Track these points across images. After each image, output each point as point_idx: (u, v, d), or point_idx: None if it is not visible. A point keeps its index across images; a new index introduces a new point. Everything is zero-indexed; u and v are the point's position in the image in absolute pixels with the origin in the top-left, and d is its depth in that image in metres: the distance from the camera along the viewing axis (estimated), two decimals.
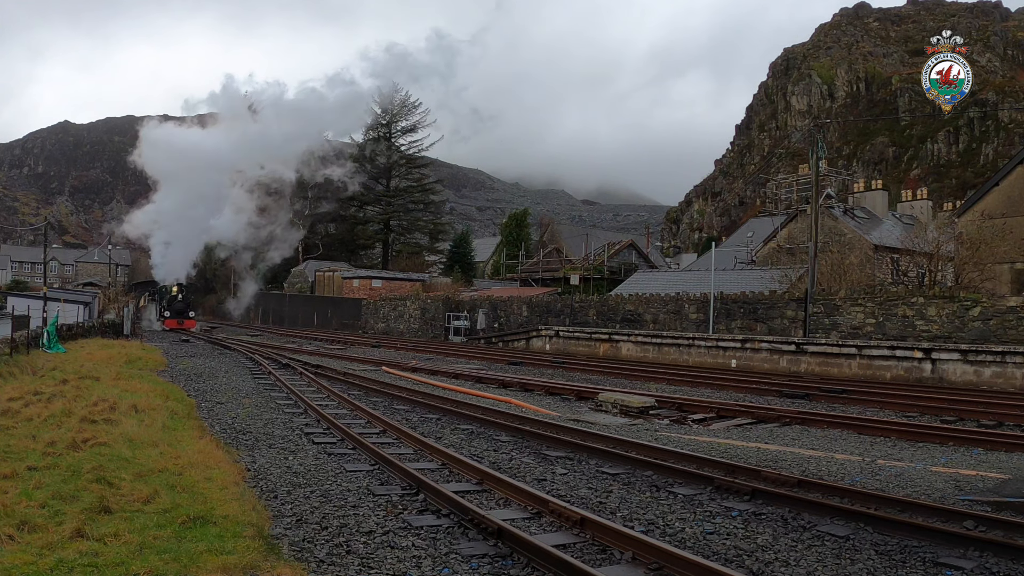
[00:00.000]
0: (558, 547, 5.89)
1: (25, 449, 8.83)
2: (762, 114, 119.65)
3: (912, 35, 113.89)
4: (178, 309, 45.32)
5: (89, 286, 77.93)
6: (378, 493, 7.89)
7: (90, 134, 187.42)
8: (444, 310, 42.69)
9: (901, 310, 23.85)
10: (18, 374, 16.48)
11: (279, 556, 5.70)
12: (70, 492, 6.97)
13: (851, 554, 6.27)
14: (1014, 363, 19.79)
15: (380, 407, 14.55)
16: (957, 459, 10.50)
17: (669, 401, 15.79)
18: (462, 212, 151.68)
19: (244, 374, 20.59)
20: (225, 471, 8.12)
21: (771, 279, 32.05)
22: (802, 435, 12.58)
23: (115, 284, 78.91)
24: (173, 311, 45.21)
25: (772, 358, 25.35)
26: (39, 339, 23.78)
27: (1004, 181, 31.14)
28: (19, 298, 39.41)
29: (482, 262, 72.54)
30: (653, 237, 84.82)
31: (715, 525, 7.01)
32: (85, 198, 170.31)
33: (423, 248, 74.70)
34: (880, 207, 45.86)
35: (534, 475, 8.98)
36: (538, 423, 12.44)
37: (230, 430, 11.48)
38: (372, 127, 75.44)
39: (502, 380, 19.78)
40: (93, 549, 5.44)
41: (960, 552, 6.28)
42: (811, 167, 30.36)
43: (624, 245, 62.32)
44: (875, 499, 7.63)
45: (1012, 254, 29.70)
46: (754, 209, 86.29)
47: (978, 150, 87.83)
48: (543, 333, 34.83)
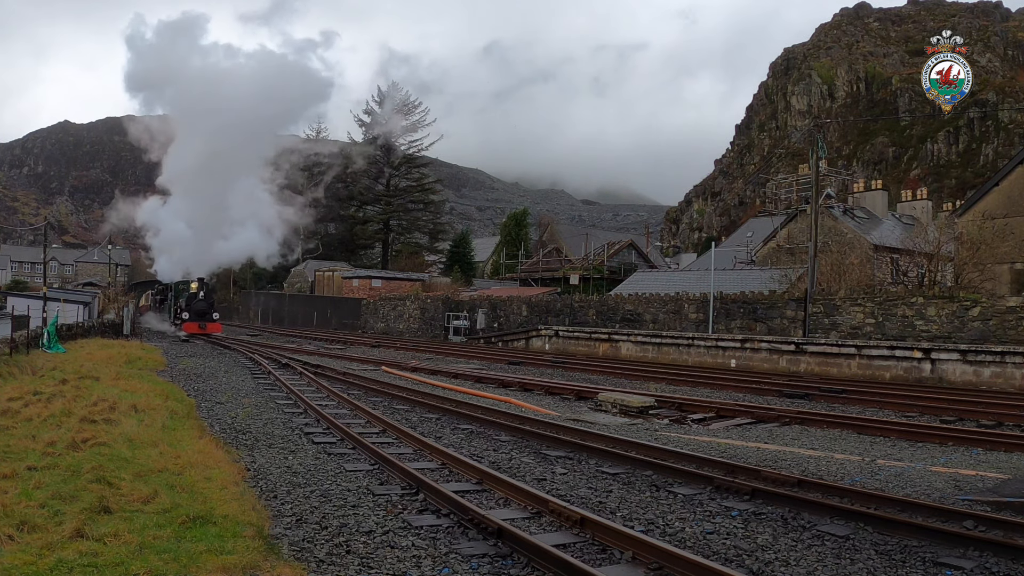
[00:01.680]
0: (558, 547, 5.89)
1: (25, 449, 8.83)
2: (762, 114, 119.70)
3: (912, 35, 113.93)
4: (200, 309, 37.08)
5: (89, 286, 77.90)
6: (378, 493, 7.89)
7: (90, 134, 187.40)
8: (444, 310, 42.69)
9: (901, 310, 23.85)
10: (18, 374, 16.48)
11: (279, 556, 5.70)
12: (70, 492, 6.96)
13: (851, 554, 6.27)
14: (1014, 363, 19.79)
15: (380, 407, 14.55)
16: (957, 459, 10.51)
17: (669, 401, 15.79)
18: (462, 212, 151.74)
19: (244, 374, 20.59)
20: (225, 471, 8.12)
21: (771, 279, 32.04)
22: (802, 435, 12.59)
23: (115, 284, 78.92)
24: (194, 312, 36.97)
25: (772, 358, 25.35)
26: (39, 339, 23.78)
27: (1004, 181, 31.12)
28: (19, 298, 39.38)
29: (482, 262, 72.52)
30: (653, 237, 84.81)
31: (715, 525, 7.01)
32: (85, 198, 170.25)
33: (423, 248, 74.67)
34: (880, 207, 45.84)
35: (534, 475, 8.98)
36: (538, 423, 12.44)
37: (230, 430, 11.48)
38: (372, 126, 75.54)
39: (502, 380, 19.78)
40: (93, 549, 5.44)
41: (960, 552, 6.28)
42: (811, 167, 30.36)
43: (624, 245, 62.31)
44: (875, 499, 7.63)
45: (1012, 254, 29.69)
46: (754, 209, 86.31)
47: (978, 150, 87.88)
48: (543, 333, 34.83)
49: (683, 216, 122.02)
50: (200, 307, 37.10)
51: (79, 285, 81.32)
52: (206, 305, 37.37)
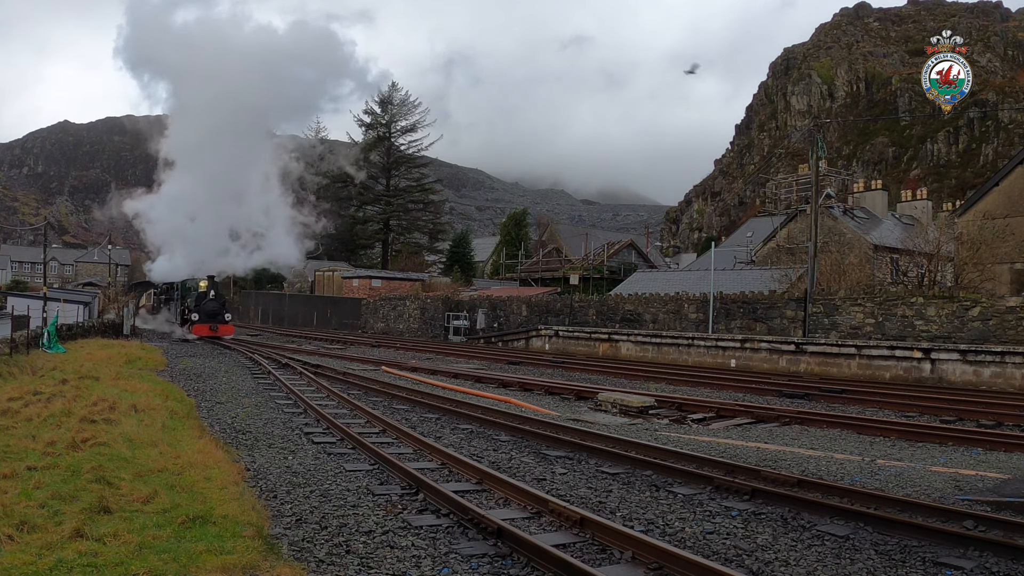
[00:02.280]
0: (558, 547, 5.90)
1: (25, 449, 8.83)
2: (762, 114, 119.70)
3: (912, 35, 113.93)
4: (211, 310, 34.43)
5: (89, 286, 77.92)
6: (378, 493, 7.89)
7: (90, 134, 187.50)
8: (443, 310, 42.68)
9: (900, 310, 23.85)
10: (18, 374, 16.47)
11: (279, 556, 5.70)
12: (69, 492, 6.96)
13: (851, 554, 6.27)
14: (1013, 363, 19.80)
15: (380, 407, 14.54)
16: (956, 459, 10.51)
17: (669, 401, 15.79)
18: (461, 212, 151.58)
19: (244, 374, 20.58)
20: (224, 471, 8.12)
21: (771, 279, 32.05)
22: (801, 435, 12.59)
23: (115, 284, 78.92)
24: (204, 313, 34.35)
25: (771, 358, 25.35)
26: (39, 339, 23.78)
27: (1004, 181, 31.14)
28: (19, 298, 39.42)
29: (481, 262, 72.50)
30: (653, 237, 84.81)
31: (715, 525, 7.01)
32: (85, 198, 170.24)
33: (423, 248, 74.66)
34: (880, 207, 45.84)
35: (534, 475, 8.98)
36: (538, 423, 12.43)
37: (229, 430, 11.48)
38: (371, 126, 75.52)
39: (501, 380, 19.78)
40: (92, 549, 5.44)
41: (960, 552, 6.28)
42: (811, 167, 30.36)
43: (624, 245, 62.34)
44: (875, 499, 7.63)
45: (1012, 254, 29.69)
46: (754, 209, 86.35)
47: (978, 150, 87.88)
48: (542, 333, 34.83)
49: (683, 216, 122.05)
50: (211, 308, 34.35)
51: (79, 285, 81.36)
52: (217, 305, 34.54)
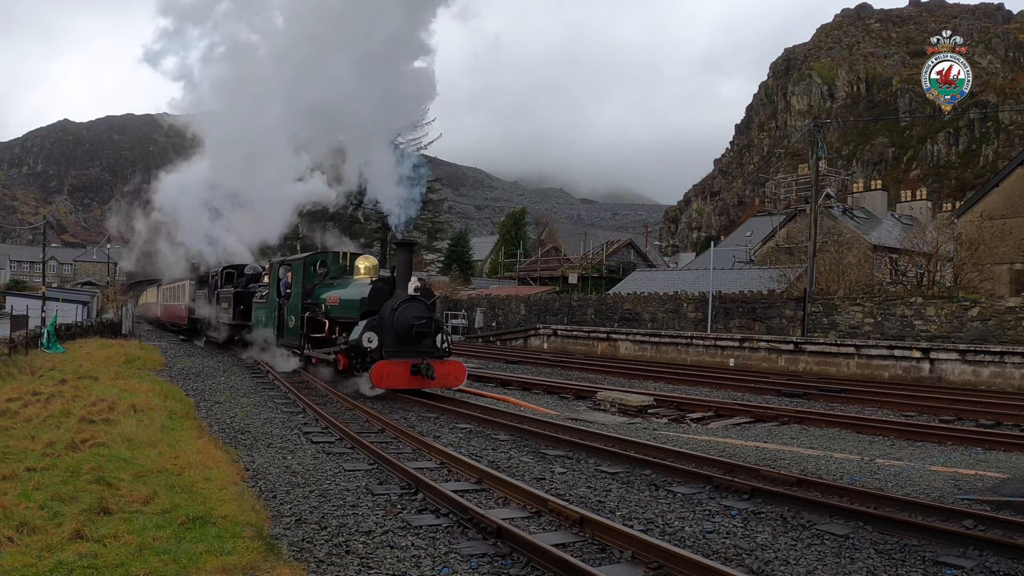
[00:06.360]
0: (558, 546, 5.89)
1: (24, 450, 8.81)
2: (762, 114, 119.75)
3: (913, 36, 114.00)
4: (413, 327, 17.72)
5: (88, 285, 77.86)
6: (377, 492, 7.88)
7: (90, 133, 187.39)
8: (442, 309, 42.70)
9: (900, 310, 23.87)
10: (17, 374, 16.44)
11: (278, 556, 5.69)
12: (69, 493, 6.95)
13: (851, 553, 6.27)
14: (1012, 363, 19.82)
15: (378, 406, 14.53)
16: (956, 458, 10.51)
17: (668, 400, 15.79)
18: (460, 211, 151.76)
19: (243, 373, 20.55)
20: (224, 471, 8.10)
21: (770, 278, 32.07)
22: (801, 434, 12.59)
23: (114, 283, 78.85)
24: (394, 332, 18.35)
25: (770, 357, 25.36)
26: (38, 339, 23.75)
27: (1004, 182, 31.15)
28: (18, 298, 39.42)
29: (480, 261, 72.50)
30: (652, 236, 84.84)
31: (714, 524, 7.00)
32: (84, 197, 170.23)
33: (421, 247, 74.58)
34: (879, 207, 45.87)
35: (533, 474, 8.97)
36: (537, 422, 12.42)
37: (229, 430, 11.46)
38: None
39: (500, 379, 19.77)
40: (92, 551, 5.43)
41: (960, 551, 6.28)
42: (811, 167, 30.38)
43: (623, 244, 62.36)
44: (874, 498, 7.63)
45: (1011, 255, 29.72)
46: (753, 208, 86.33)
47: (978, 151, 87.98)
48: (541, 332, 34.82)
49: (682, 215, 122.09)
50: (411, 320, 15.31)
51: (78, 284, 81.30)
52: (427, 318, 15.54)
